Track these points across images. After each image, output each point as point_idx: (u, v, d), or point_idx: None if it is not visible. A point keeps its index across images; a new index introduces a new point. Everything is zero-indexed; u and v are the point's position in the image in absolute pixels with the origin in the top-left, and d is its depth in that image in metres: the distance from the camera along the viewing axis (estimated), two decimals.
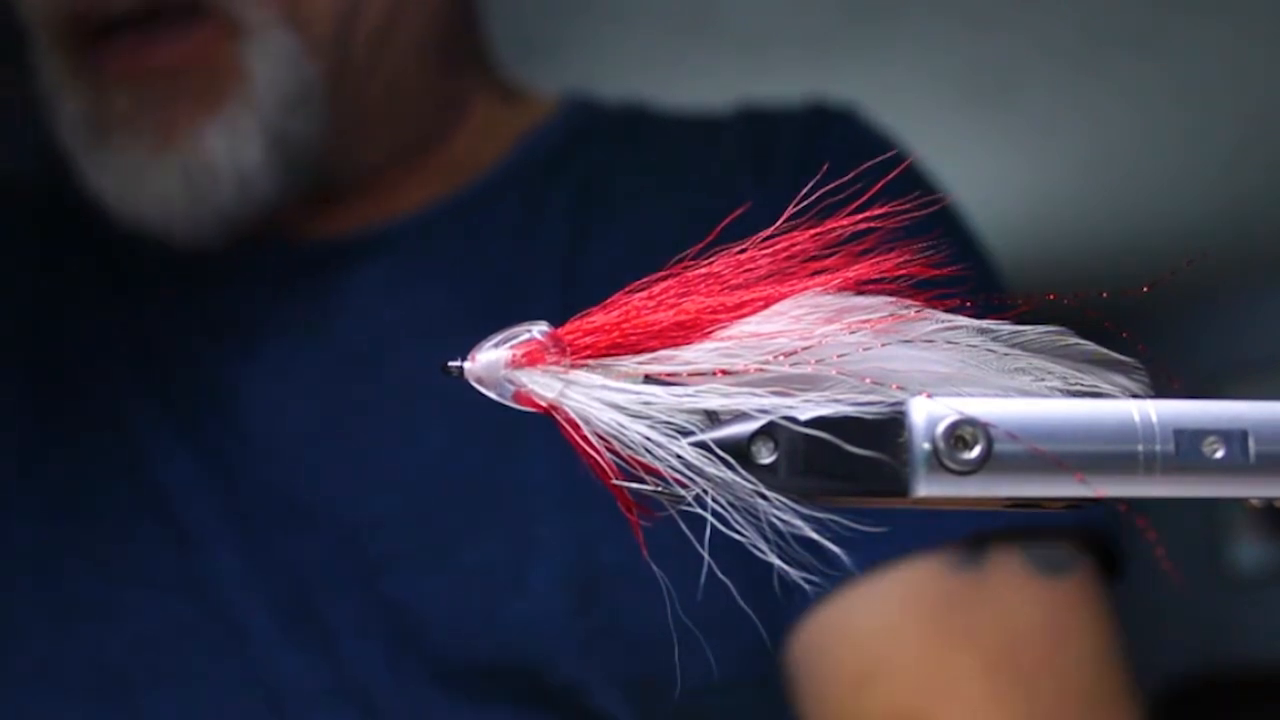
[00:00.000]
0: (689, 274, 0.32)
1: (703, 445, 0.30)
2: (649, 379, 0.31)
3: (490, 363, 0.32)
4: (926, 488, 0.29)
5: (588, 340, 0.32)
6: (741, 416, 0.30)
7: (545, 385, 0.32)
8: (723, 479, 0.29)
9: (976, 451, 0.29)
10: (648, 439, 0.30)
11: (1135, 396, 0.32)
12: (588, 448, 0.31)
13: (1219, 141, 3.51)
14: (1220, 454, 0.29)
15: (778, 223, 0.32)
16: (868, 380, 0.30)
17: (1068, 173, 3.67)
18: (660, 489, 0.30)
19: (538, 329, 0.32)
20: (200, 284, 0.75)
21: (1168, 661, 4.46)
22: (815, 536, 0.30)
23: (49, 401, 0.73)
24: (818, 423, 0.29)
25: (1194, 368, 4.67)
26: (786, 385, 0.30)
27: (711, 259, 0.32)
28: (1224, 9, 2.75)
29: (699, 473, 0.30)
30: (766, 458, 0.29)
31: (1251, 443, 0.30)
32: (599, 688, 0.63)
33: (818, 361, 0.30)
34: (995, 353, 0.31)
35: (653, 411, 0.31)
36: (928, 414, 0.29)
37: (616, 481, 0.31)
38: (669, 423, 0.30)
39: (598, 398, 0.31)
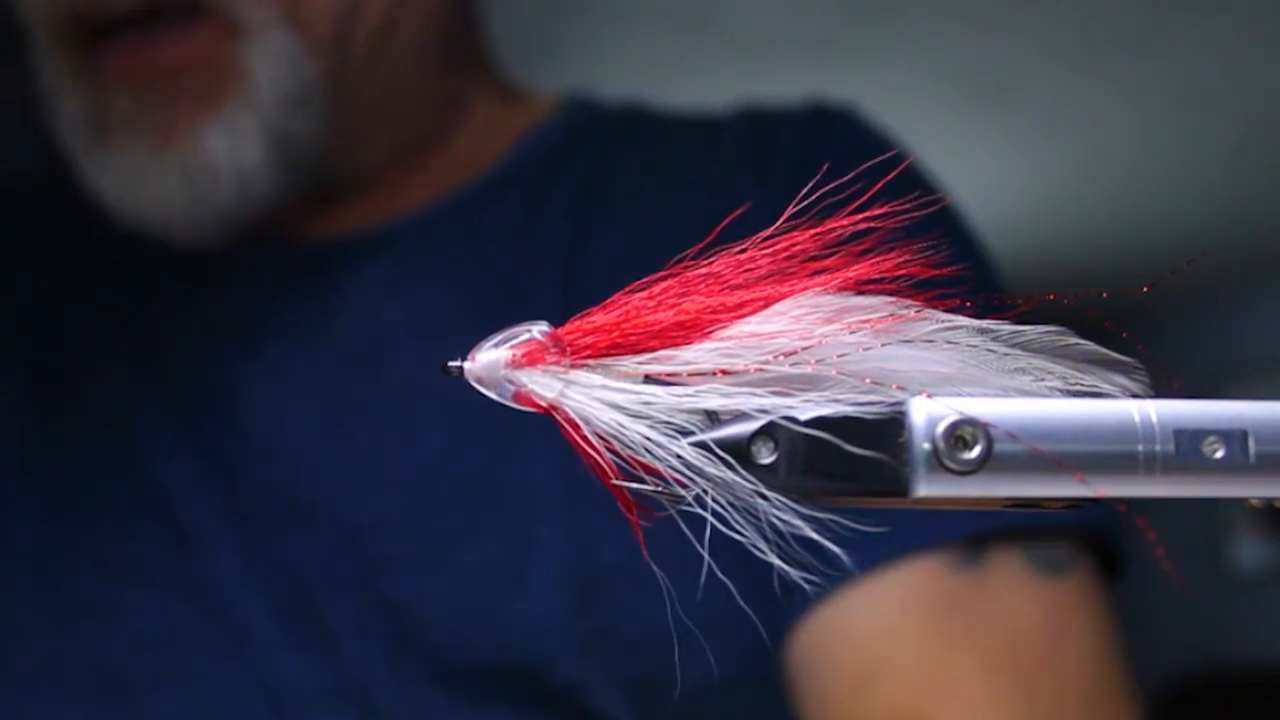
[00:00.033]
0: (689, 274, 0.32)
1: (703, 445, 0.30)
2: (649, 379, 0.31)
3: (490, 363, 0.32)
4: (926, 488, 0.29)
5: (588, 340, 0.32)
6: (741, 416, 0.30)
7: (545, 385, 0.32)
8: (723, 479, 0.29)
9: (976, 451, 0.29)
10: (648, 439, 0.30)
11: (1135, 396, 0.32)
12: (588, 448, 0.31)
13: (1219, 141, 3.51)
14: (1220, 454, 0.29)
15: (778, 223, 0.32)
16: (868, 380, 0.30)
17: (1068, 173, 3.67)
18: (660, 489, 0.30)
19: (538, 329, 0.32)
20: (200, 284, 0.75)
21: (1168, 661, 4.46)
22: (815, 536, 0.30)
23: (49, 401, 0.73)
24: (818, 423, 0.29)
25: (1194, 368, 4.66)
26: (786, 385, 0.30)
27: (711, 259, 0.32)
28: (1224, 9, 2.75)
29: (699, 473, 0.30)
30: (766, 458, 0.29)
31: (1251, 443, 0.30)
32: (599, 688, 0.63)
33: (818, 361, 0.30)
34: (995, 353, 0.31)
35: (653, 411, 0.31)
36: (928, 414, 0.29)
37: (616, 481, 0.31)
38: (669, 423, 0.30)
39: (598, 398, 0.31)
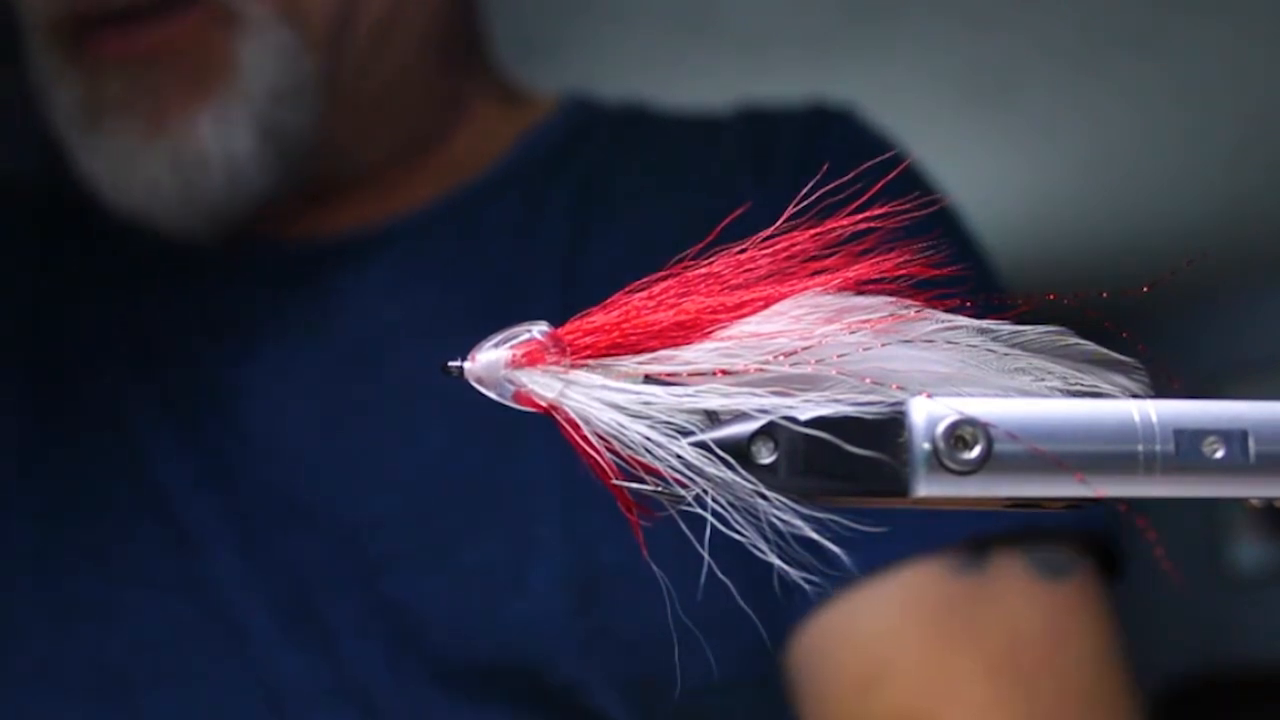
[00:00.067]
0: (689, 274, 0.32)
1: (703, 445, 0.30)
2: (649, 379, 0.31)
3: (490, 363, 0.32)
4: (926, 488, 0.29)
5: (588, 340, 0.32)
6: (741, 416, 0.30)
7: (545, 385, 0.32)
8: (723, 479, 0.29)
9: (976, 451, 0.29)
10: (648, 439, 0.30)
11: (1135, 396, 0.32)
12: (588, 448, 0.31)
13: (1219, 141, 3.51)
14: (1220, 454, 0.29)
15: (778, 223, 0.32)
16: (868, 380, 0.30)
17: (1068, 173, 3.67)
18: (660, 489, 0.30)
19: (538, 329, 0.32)
20: (200, 283, 0.75)
21: (1168, 661, 4.46)
22: (815, 537, 0.30)
23: (49, 401, 0.73)
24: (818, 423, 0.29)
25: (1194, 368, 4.66)
26: (786, 385, 0.30)
27: (711, 259, 0.32)
28: (1224, 9, 2.75)
29: (699, 473, 0.30)
30: (766, 458, 0.29)
31: (1251, 443, 0.30)
32: (598, 688, 0.63)
33: (818, 361, 0.30)
34: (995, 353, 0.31)
35: (653, 411, 0.31)
36: (928, 414, 0.29)
37: (616, 481, 0.31)
38: (669, 423, 0.30)
39: (598, 398, 0.31)
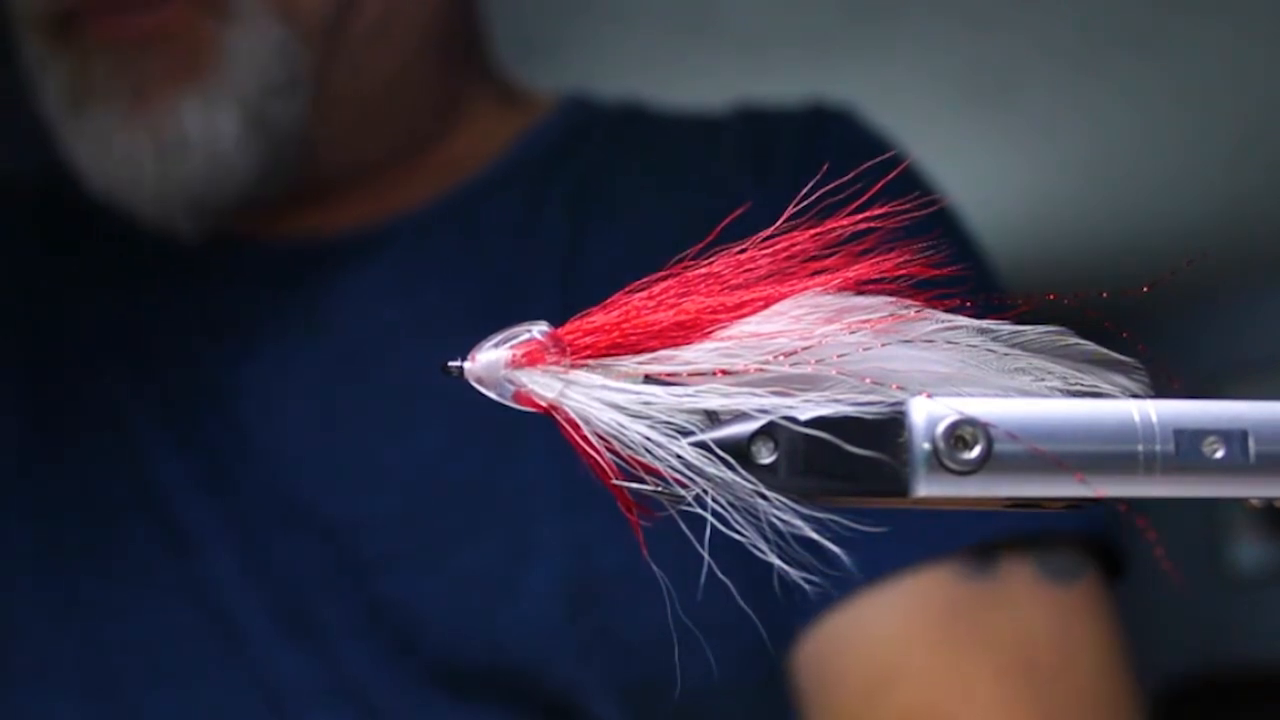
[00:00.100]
0: (689, 274, 0.32)
1: (703, 445, 0.30)
2: (649, 379, 0.31)
3: (490, 363, 0.32)
4: (926, 488, 0.29)
5: (588, 340, 0.32)
6: (741, 416, 0.30)
7: (545, 385, 0.32)
8: (723, 479, 0.29)
9: (976, 451, 0.29)
10: (648, 439, 0.30)
11: (1135, 396, 0.32)
12: (588, 448, 0.31)
13: (1219, 141, 3.51)
14: (1220, 454, 0.29)
15: (778, 223, 0.32)
16: (868, 380, 0.30)
17: (1068, 173, 3.67)
18: (660, 489, 0.30)
19: (538, 329, 0.32)
20: (199, 283, 0.75)
21: (1168, 661, 4.46)
22: (816, 537, 0.30)
23: (47, 401, 0.73)
24: (818, 423, 0.29)
25: (1194, 368, 4.66)
26: (786, 385, 0.30)
27: (711, 259, 0.32)
28: (1224, 9, 2.75)
29: (699, 473, 0.30)
30: (766, 458, 0.29)
31: (1251, 443, 0.29)
32: (595, 692, 0.63)
33: (818, 361, 0.30)
34: (995, 353, 0.31)
35: (653, 411, 0.30)
36: (928, 414, 0.29)
37: (616, 481, 0.31)
38: (669, 423, 0.30)
39: (598, 398, 0.31)
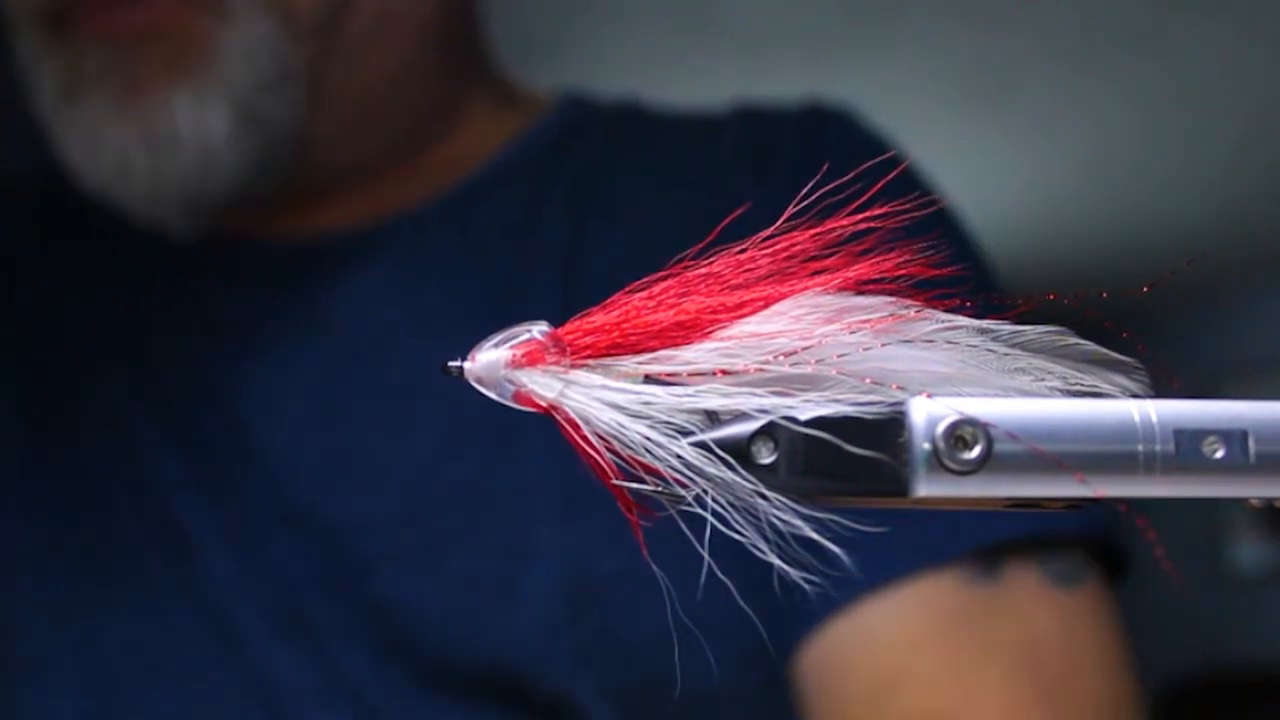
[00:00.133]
0: (689, 274, 0.32)
1: (703, 445, 0.30)
2: (649, 379, 0.31)
3: (490, 363, 0.32)
4: (926, 488, 0.29)
5: (588, 340, 0.32)
6: (741, 416, 0.30)
7: (545, 385, 0.32)
8: (723, 479, 0.29)
9: (976, 451, 0.29)
10: (648, 439, 0.30)
11: (1135, 396, 0.32)
12: (588, 448, 0.31)
13: (1219, 141, 3.51)
14: (1220, 454, 0.29)
15: (778, 222, 0.32)
16: (868, 380, 0.30)
17: (1068, 173, 3.67)
18: (660, 489, 0.30)
19: (538, 329, 0.32)
20: (197, 283, 0.75)
21: (1168, 661, 4.46)
22: (816, 537, 0.30)
23: (46, 401, 0.73)
24: (818, 423, 0.29)
25: (1194, 368, 4.67)
26: (786, 385, 0.30)
27: (711, 259, 0.32)
28: (1224, 9, 2.75)
29: (699, 473, 0.30)
30: (766, 458, 0.29)
31: (1251, 443, 0.29)
32: (592, 694, 0.63)
33: (818, 361, 0.30)
34: (995, 353, 0.31)
35: (653, 411, 0.30)
36: (928, 414, 0.29)
37: (616, 481, 0.31)
38: (669, 423, 0.30)
39: (598, 398, 0.31)
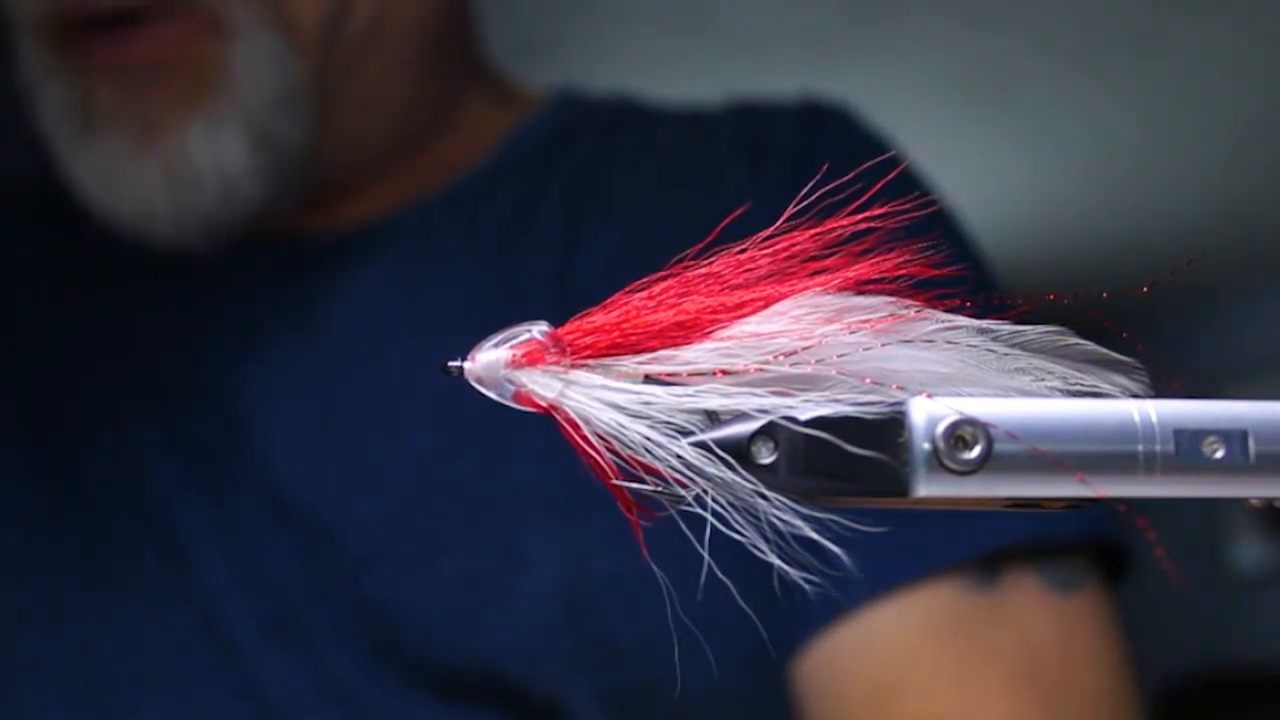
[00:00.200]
0: (689, 274, 0.32)
1: (703, 445, 0.30)
2: (649, 379, 0.31)
3: (490, 363, 0.32)
4: (926, 488, 0.29)
5: (588, 340, 0.32)
6: (741, 416, 0.30)
7: (545, 385, 0.32)
8: (723, 479, 0.29)
9: (976, 451, 0.29)
10: (648, 439, 0.30)
11: (1135, 396, 0.32)
12: (588, 448, 0.31)
13: (1219, 141, 3.51)
14: (1220, 454, 0.29)
15: (777, 222, 0.32)
16: (868, 380, 0.30)
17: (1068, 173, 3.67)
18: (660, 489, 0.30)
19: (538, 329, 0.32)
20: (196, 283, 0.74)
21: (1168, 661, 4.46)
22: (816, 538, 0.30)
23: (44, 401, 0.73)
24: (818, 423, 0.29)
25: (1194, 368, 4.67)
26: (786, 385, 0.30)
27: (711, 258, 0.32)
28: (1224, 9, 2.75)
29: (699, 473, 0.30)
30: (766, 458, 0.29)
31: (1251, 443, 0.29)
32: (587, 697, 0.63)
33: (818, 361, 0.30)
34: (995, 353, 0.31)
35: (653, 411, 0.30)
36: (928, 414, 0.29)
37: (616, 481, 0.31)
38: (669, 423, 0.30)
39: (598, 398, 0.31)
